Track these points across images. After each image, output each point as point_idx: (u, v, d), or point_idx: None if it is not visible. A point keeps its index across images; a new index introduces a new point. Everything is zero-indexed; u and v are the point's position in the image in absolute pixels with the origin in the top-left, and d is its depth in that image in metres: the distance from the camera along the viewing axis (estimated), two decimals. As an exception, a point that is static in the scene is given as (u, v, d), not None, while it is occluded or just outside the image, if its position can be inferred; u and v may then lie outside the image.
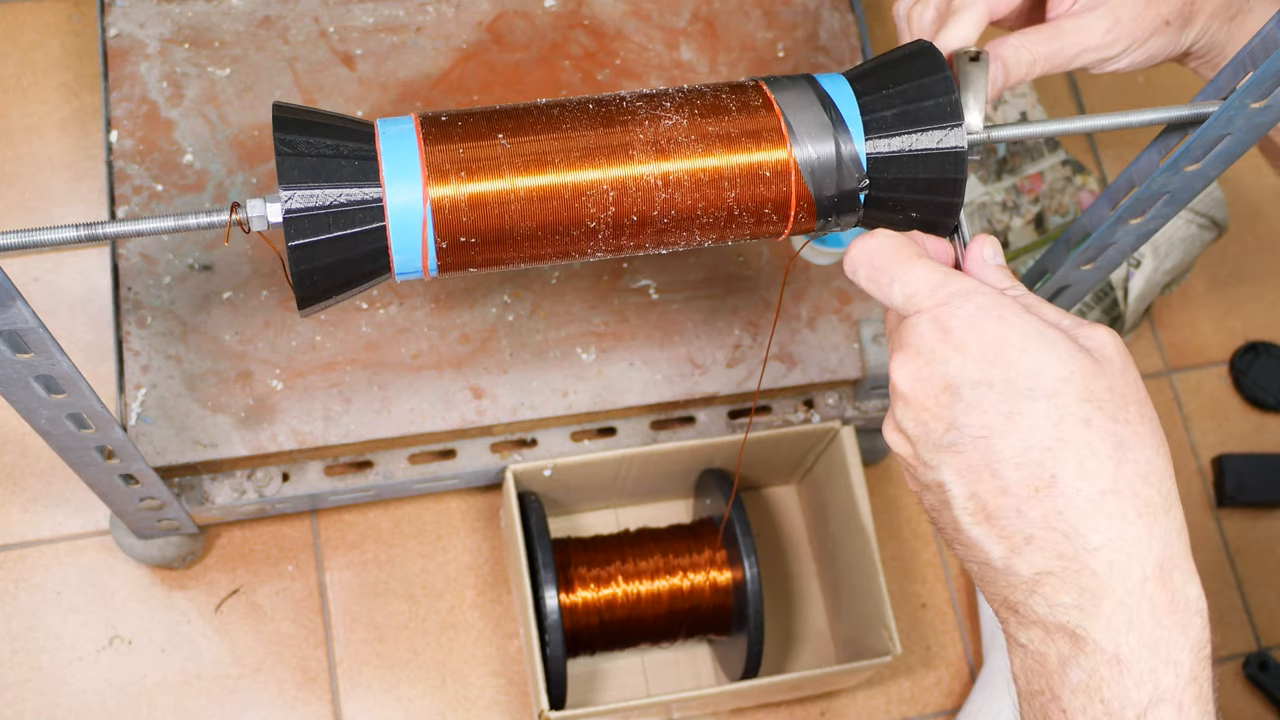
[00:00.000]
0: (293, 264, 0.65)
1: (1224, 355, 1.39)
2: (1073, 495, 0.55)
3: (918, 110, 0.68)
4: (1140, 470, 0.55)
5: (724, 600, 1.11)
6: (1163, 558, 0.55)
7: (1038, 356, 0.57)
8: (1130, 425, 0.56)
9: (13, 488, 1.18)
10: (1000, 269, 0.63)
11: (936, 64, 0.69)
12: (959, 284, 0.60)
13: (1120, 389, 0.57)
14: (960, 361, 0.58)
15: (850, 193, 0.69)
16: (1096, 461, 0.55)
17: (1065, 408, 0.56)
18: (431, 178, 0.66)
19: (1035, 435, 0.56)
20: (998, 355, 0.57)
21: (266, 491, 1.06)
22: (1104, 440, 0.55)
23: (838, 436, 1.12)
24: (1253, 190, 1.46)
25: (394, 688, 1.16)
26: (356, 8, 1.14)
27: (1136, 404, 0.57)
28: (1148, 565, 0.55)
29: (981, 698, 1.16)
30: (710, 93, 0.70)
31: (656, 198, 0.68)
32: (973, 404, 0.57)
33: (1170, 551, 0.55)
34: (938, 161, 0.68)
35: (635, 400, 1.07)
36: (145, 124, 1.08)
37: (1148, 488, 0.55)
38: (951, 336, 0.58)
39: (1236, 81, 0.73)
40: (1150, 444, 0.56)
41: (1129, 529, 0.55)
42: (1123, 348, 0.58)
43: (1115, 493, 0.55)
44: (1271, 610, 1.30)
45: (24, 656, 1.13)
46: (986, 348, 0.57)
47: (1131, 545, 0.55)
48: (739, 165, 0.69)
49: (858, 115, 0.69)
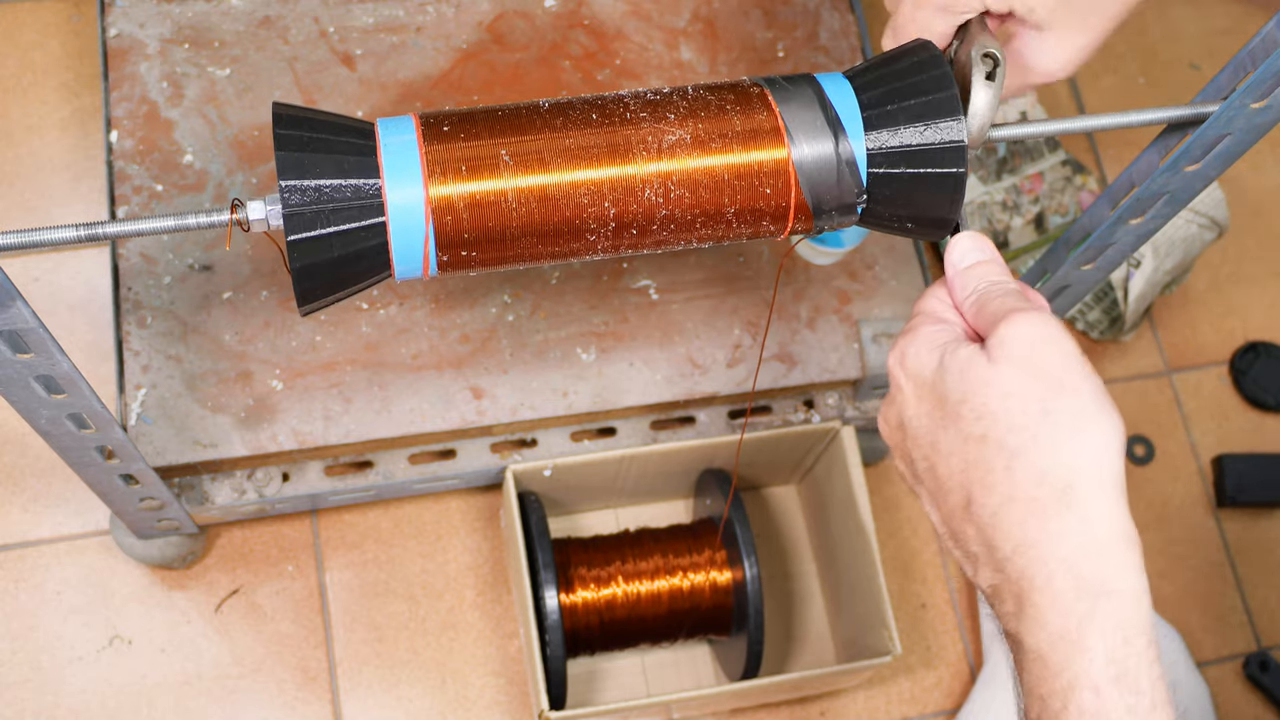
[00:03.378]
0: (293, 264, 0.65)
1: (1224, 355, 1.39)
2: (981, 511, 0.59)
3: (918, 109, 0.68)
4: (1032, 474, 0.57)
5: (724, 600, 1.11)
6: (1064, 552, 0.56)
7: (941, 385, 0.61)
8: (1028, 430, 0.57)
9: (13, 488, 1.18)
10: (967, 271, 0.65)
11: (936, 63, 0.69)
12: (910, 323, 0.65)
13: (1018, 388, 0.58)
14: (902, 400, 0.63)
15: (848, 194, 0.69)
16: (994, 475, 0.58)
17: (966, 429, 0.59)
18: (431, 177, 0.66)
19: (954, 460, 0.60)
20: (919, 389, 0.62)
21: (266, 491, 1.06)
22: (998, 453, 0.58)
23: (838, 436, 1.12)
24: (1253, 190, 1.46)
25: (394, 688, 1.16)
26: (356, 8, 1.14)
27: (1040, 397, 0.57)
28: (1050, 563, 0.57)
29: (982, 698, 1.16)
30: (709, 93, 0.70)
31: (655, 197, 0.68)
32: (914, 440, 0.63)
33: (1074, 544, 0.56)
34: (937, 161, 0.68)
35: (635, 400, 1.07)
36: (145, 124, 1.08)
37: (1042, 488, 0.57)
38: (895, 381, 0.64)
39: (1236, 82, 0.73)
40: (1049, 440, 0.57)
41: (1028, 533, 0.57)
42: (1033, 334, 0.59)
43: (1013, 500, 0.58)
44: (1271, 610, 1.30)
45: (24, 656, 1.13)
46: (914, 385, 0.63)
47: (1032, 548, 0.57)
48: (737, 165, 0.69)
49: (857, 114, 0.69)
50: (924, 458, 0.62)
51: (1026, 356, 0.58)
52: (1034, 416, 0.57)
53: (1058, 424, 0.57)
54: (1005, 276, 0.64)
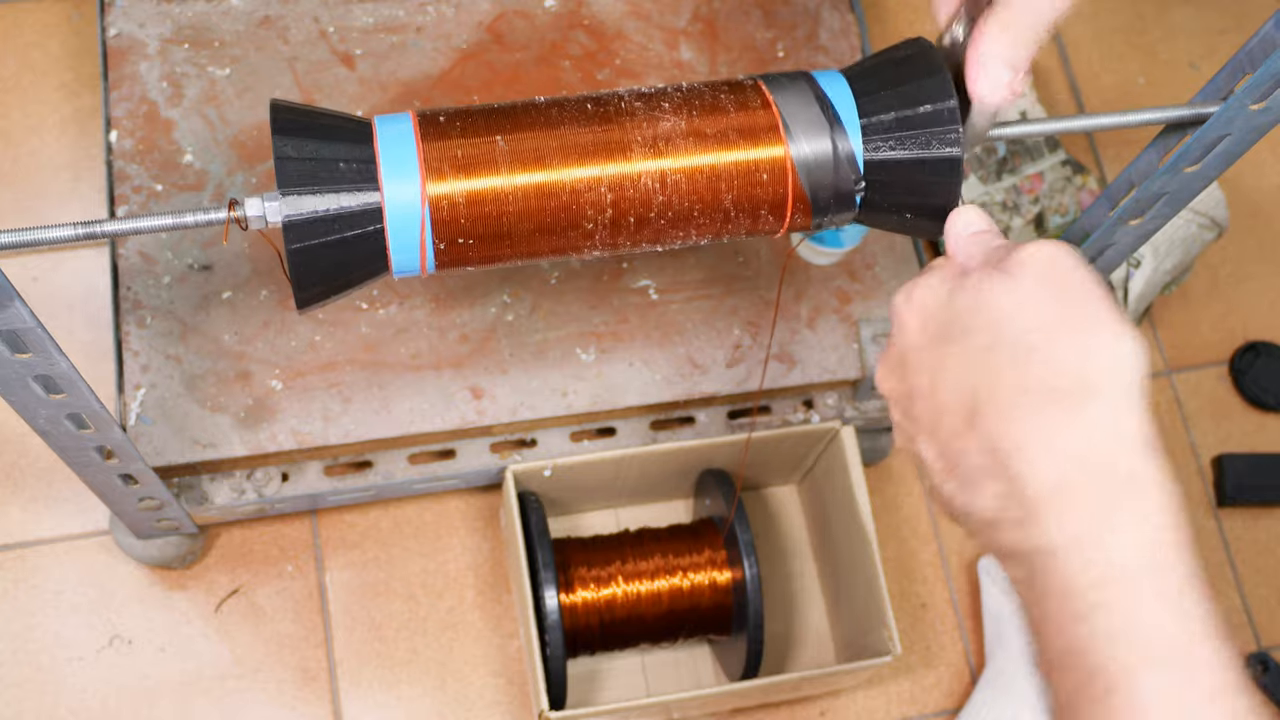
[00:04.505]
0: (290, 260, 0.65)
1: (1224, 355, 1.39)
2: (988, 413, 0.54)
3: (914, 107, 0.68)
4: (1048, 367, 0.53)
5: (724, 600, 1.11)
6: (1082, 445, 0.52)
7: (951, 305, 0.58)
8: (1042, 330, 0.54)
9: (13, 488, 1.18)
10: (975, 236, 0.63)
11: (933, 62, 0.69)
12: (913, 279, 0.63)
13: (1037, 297, 0.55)
14: (904, 340, 0.61)
15: (846, 190, 0.69)
16: (1004, 374, 0.54)
17: (976, 339, 0.56)
18: (429, 175, 0.66)
19: (959, 373, 0.57)
20: (926, 320, 0.60)
21: (266, 491, 1.06)
22: (1011, 353, 0.54)
23: (838, 436, 1.12)
24: (1253, 190, 1.46)
25: (394, 688, 1.16)
26: (356, 8, 1.14)
27: (1061, 304, 0.55)
28: (1068, 457, 0.52)
29: (983, 698, 1.16)
30: (708, 91, 0.70)
31: (653, 195, 0.68)
32: (915, 368, 0.60)
33: (1092, 437, 0.52)
34: (934, 145, 0.68)
35: (635, 400, 1.07)
36: (145, 124, 1.08)
37: (1059, 380, 0.53)
38: (898, 322, 0.62)
39: (1236, 82, 0.73)
40: (1068, 341, 0.54)
41: (1044, 422, 0.53)
42: (1051, 252, 0.57)
43: (1025, 391, 0.53)
44: (1271, 610, 1.29)
45: (24, 656, 1.13)
46: (919, 319, 0.60)
47: (1047, 439, 0.53)
48: (735, 162, 0.69)
49: (855, 112, 0.69)
50: (923, 385, 0.59)
51: (1046, 272, 0.56)
52: (1049, 317, 0.54)
53: (1074, 323, 0.54)
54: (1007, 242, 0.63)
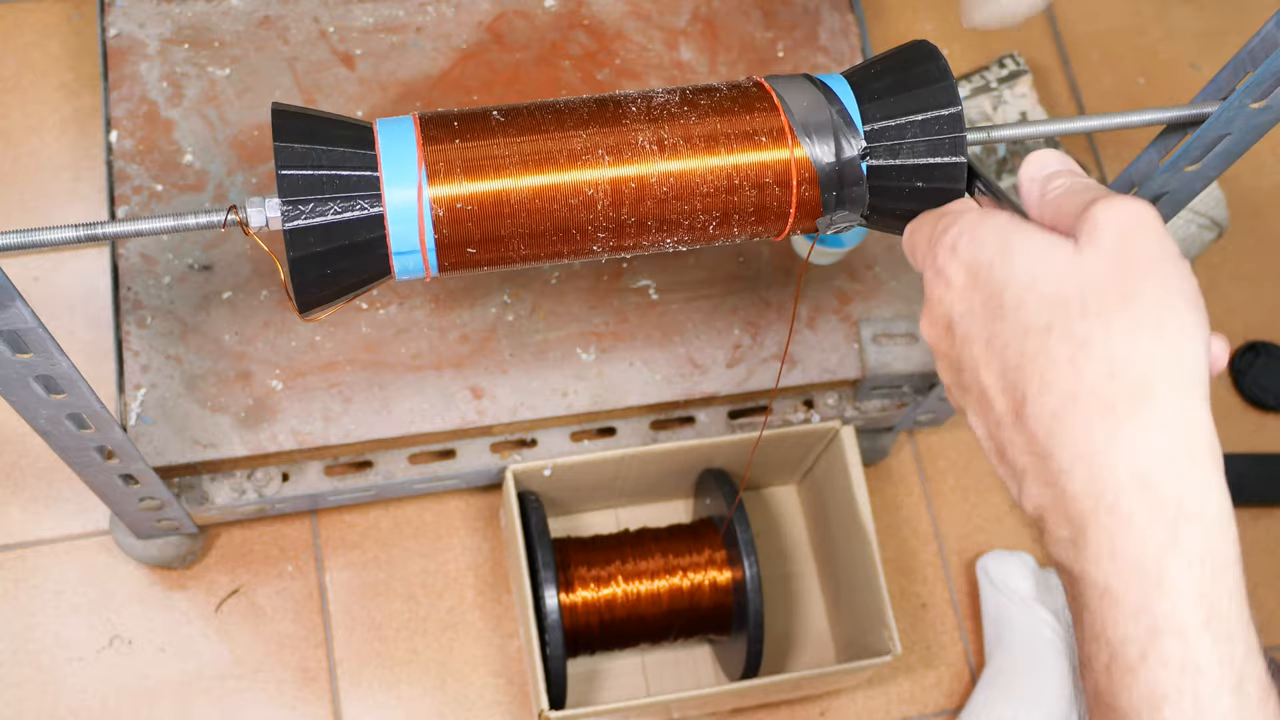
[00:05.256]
0: (292, 266, 0.65)
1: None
2: (1037, 413, 0.50)
3: (919, 112, 0.68)
4: (1103, 367, 0.48)
5: (724, 600, 1.11)
6: (1139, 464, 0.47)
7: (1005, 268, 0.52)
8: (1102, 317, 0.48)
9: (13, 488, 1.18)
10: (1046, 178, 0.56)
11: (935, 62, 0.69)
12: (947, 216, 0.56)
13: (1102, 274, 0.49)
14: (951, 298, 0.55)
15: (852, 190, 0.69)
16: (1056, 369, 0.49)
17: (1029, 318, 0.50)
18: (430, 178, 0.66)
19: (1008, 355, 0.51)
20: (975, 278, 0.53)
21: (266, 491, 1.06)
22: (1064, 343, 0.49)
23: (838, 436, 1.12)
24: (1253, 190, 1.46)
25: (394, 688, 1.16)
26: (356, 8, 1.14)
27: (1125, 284, 0.49)
28: (1121, 476, 0.47)
29: (983, 698, 1.16)
30: (711, 92, 0.70)
31: (656, 197, 0.68)
32: (964, 337, 0.54)
33: (1150, 454, 0.47)
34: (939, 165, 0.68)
35: (635, 400, 1.07)
36: (145, 124, 1.08)
37: (1113, 384, 0.48)
38: (942, 275, 0.55)
39: (1236, 82, 0.73)
40: (1125, 330, 0.48)
41: (1094, 439, 0.48)
42: (1130, 221, 0.50)
43: (1075, 398, 0.48)
44: (1271, 610, 1.30)
45: (24, 656, 1.13)
46: (967, 274, 0.54)
47: (1098, 457, 0.48)
48: (741, 164, 0.69)
49: (857, 114, 0.69)
50: (971, 361, 0.53)
51: (1118, 240, 0.49)
52: (1112, 304, 0.48)
53: (1139, 314, 0.48)
54: (1091, 180, 0.55)
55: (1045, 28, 1.48)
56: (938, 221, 0.57)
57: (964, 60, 1.43)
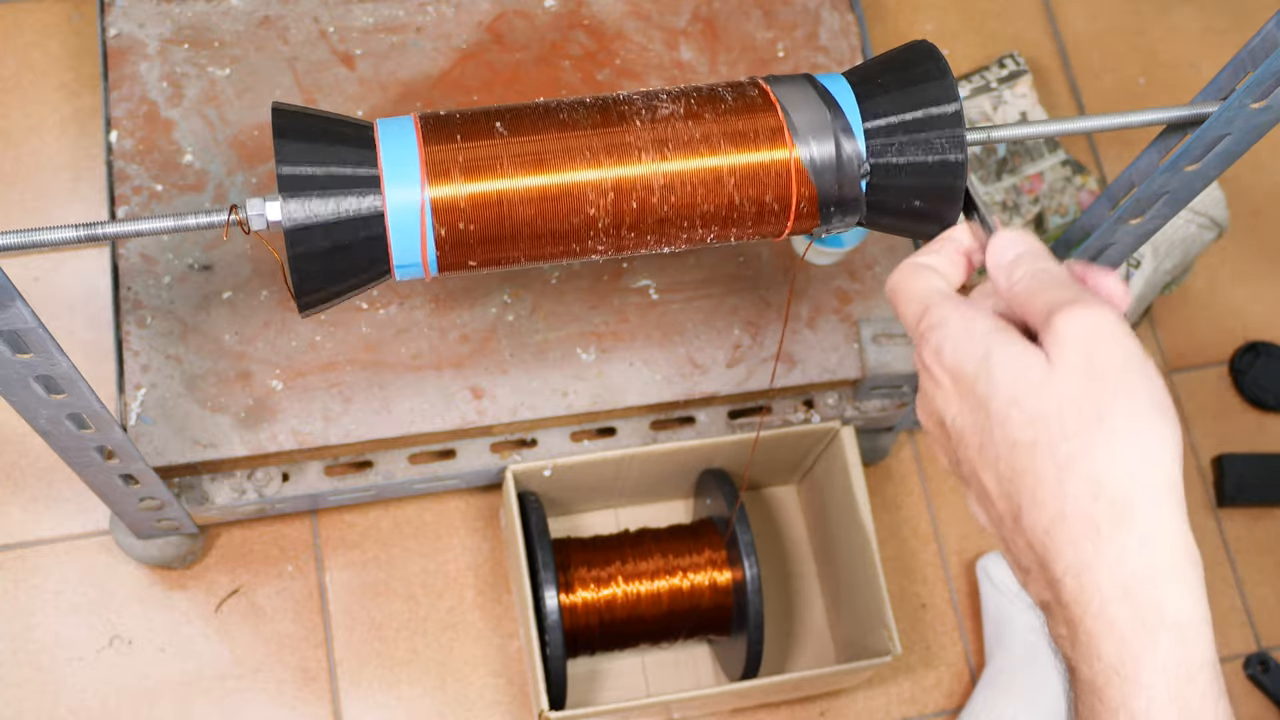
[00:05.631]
0: (292, 265, 0.65)
1: (1224, 355, 1.39)
2: (1032, 526, 0.54)
3: (915, 100, 0.68)
4: (1087, 488, 0.52)
5: (724, 600, 1.11)
6: (1121, 577, 0.52)
7: (988, 384, 0.56)
8: (1081, 437, 0.53)
9: (13, 488, 1.18)
10: (1010, 264, 0.59)
11: (938, 66, 0.69)
12: (931, 315, 0.59)
13: (1075, 392, 0.53)
14: (941, 399, 0.58)
15: (852, 191, 0.69)
16: (1045, 489, 0.53)
17: (1014, 434, 0.54)
18: (431, 178, 0.66)
19: (1000, 466, 0.55)
20: (960, 387, 0.57)
21: (266, 491, 1.06)
22: (1049, 463, 0.53)
23: (838, 436, 1.12)
24: (1253, 190, 1.46)
25: (394, 688, 1.16)
26: (356, 8, 1.14)
27: (1098, 401, 0.53)
28: (1106, 588, 0.52)
29: (984, 698, 1.16)
30: (711, 92, 0.70)
31: (657, 197, 0.68)
32: (958, 439, 0.58)
33: (1131, 568, 0.52)
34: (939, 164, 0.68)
35: (635, 400, 1.07)
36: (145, 124, 1.08)
37: (1096, 504, 0.52)
38: (930, 374, 0.59)
39: (1236, 82, 0.73)
40: (1105, 448, 0.53)
41: (1082, 555, 0.53)
42: (1090, 332, 0.54)
43: (1064, 518, 0.53)
44: (1271, 610, 1.30)
45: (24, 656, 1.13)
46: (953, 382, 0.57)
47: (1086, 571, 0.53)
48: (741, 164, 0.69)
49: (858, 114, 0.69)
50: (969, 460, 0.57)
51: (1086, 356, 0.53)
52: (1090, 423, 0.53)
53: (1114, 430, 0.53)
54: (1051, 261, 0.59)
55: (1045, 28, 1.48)
56: (921, 317, 0.60)
57: (964, 60, 1.43)
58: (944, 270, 0.63)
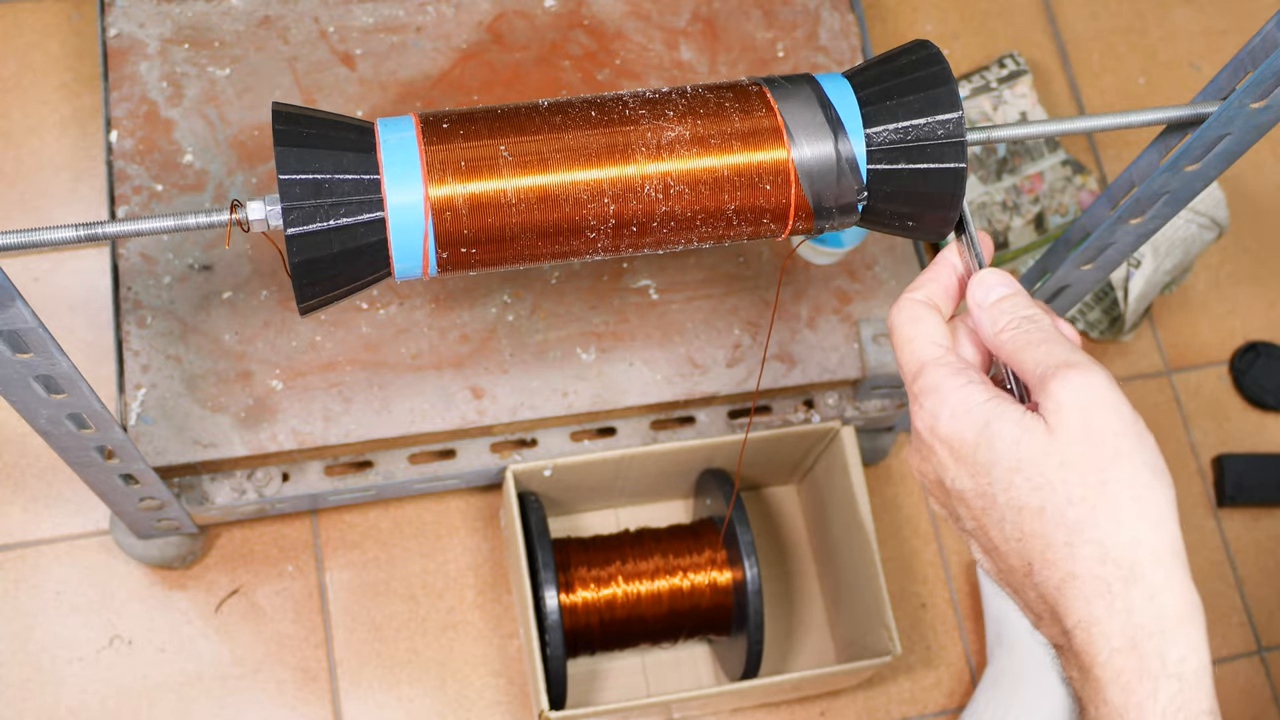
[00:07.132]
0: (292, 263, 0.65)
1: (1224, 355, 1.39)
2: (1044, 582, 0.57)
3: (917, 104, 0.68)
4: (1095, 551, 0.56)
5: (724, 600, 1.11)
6: (1129, 630, 0.56)
7: (989, 452, 0.58)
8: (1087, 502, 0.56)
9: (13, 488, 1.18)
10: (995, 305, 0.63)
11: (935, 59, 0.69)
12: (925, 378, 0.61)
13: (1077, 458, 0.56)
14: (939, 460, 0.61)
15: (849, 197, 0.69)
16: (1055, 550, 0.57)
17: (1021, 499, 0.57)
18: (431, 178, 0.66)
19: (1007, 527, 0.58)
20: (958, 455, 0.60)
21: (266, 491, 1.06)
22: (1058, 528, 0.57)
23: (838, 436, 1.12)
24: (1253, 190, 1.46)
25: (394, 688, 1.16)
26: (356, 8, 1.14)
27: (1099, 467, 0.56)
28: (1114, 640, 0.56)
29: (985, 698, 1.16)
30: (709, 94, 0.70)
31: (656, 199, 0.68)
32: (959, 499, 0.61)
33: (1138, 621, 0.56)
34: (938, 156, 0.68)
35: (635, 400, 1.07)
36: (145, 124, 1.08)
37: (1105, 566, 0.56)
38: (922, 440, 0.62)
39: (1236, 82, 0.73)
40: (1110, 513, 0.56)
41: (1093, 610, 0.56)
42: (1087, 399, 0.57)
43: (1075, 577, 0.56)
44: (1271, 610, 1.30)
45: (24, 656, 1.13)
46: (950, 451, 0.60)
47: (1095, 625, 0.56)
48: (738, 166, 0.69)
49: (857, 114, 0.69)
50: (973, 518, 0.60)
51: (1084, 423, 0.57)
52: (1093, 488, 0.56)
53: (1118, 496, 0.56)
54: (1035, 309, 0.62)
55: (1045, 28, 1.48)
56: (916, 376, 0.62)
57: (964, 60, 1.43)
58: (940, 301, 0.65)
